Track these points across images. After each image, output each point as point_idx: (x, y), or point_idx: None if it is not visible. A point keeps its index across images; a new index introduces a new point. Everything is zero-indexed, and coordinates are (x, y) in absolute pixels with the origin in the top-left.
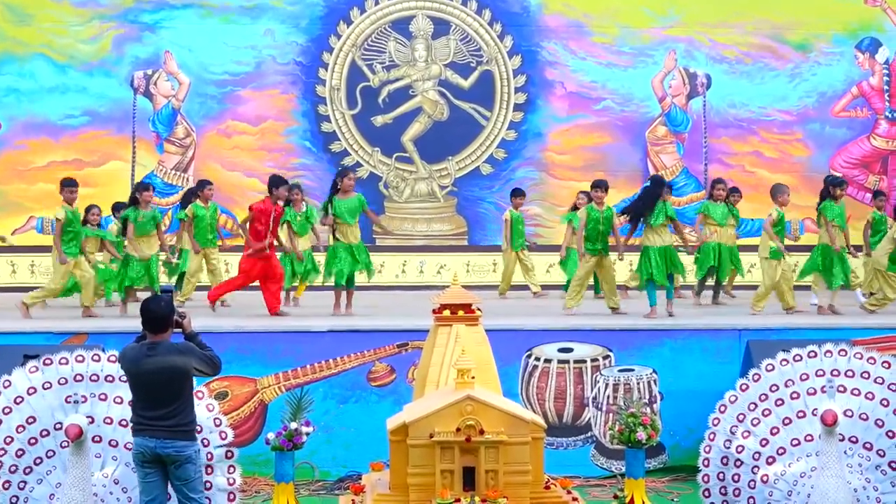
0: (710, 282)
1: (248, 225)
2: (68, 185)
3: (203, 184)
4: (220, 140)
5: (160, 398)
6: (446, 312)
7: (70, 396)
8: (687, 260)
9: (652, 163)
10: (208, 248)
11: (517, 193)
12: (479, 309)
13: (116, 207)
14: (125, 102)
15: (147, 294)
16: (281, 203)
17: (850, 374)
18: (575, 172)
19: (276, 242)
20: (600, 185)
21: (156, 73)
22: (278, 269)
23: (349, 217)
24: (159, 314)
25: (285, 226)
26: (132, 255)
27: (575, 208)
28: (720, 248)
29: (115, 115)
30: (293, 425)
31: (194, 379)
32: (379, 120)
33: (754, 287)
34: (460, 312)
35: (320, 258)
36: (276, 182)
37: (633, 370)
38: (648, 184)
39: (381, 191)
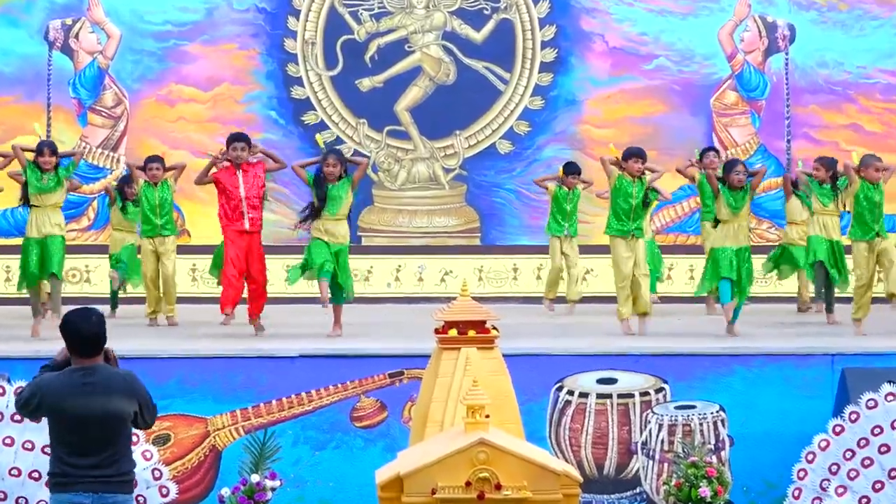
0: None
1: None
2: None
3: (148, 161)
4: (161, 109)
5: (97, 441)
6: (453, 332)
7: None
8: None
9: (719, 138)
10: (156, 236)
11: (570, 170)
12: (495, 328)
13: None
14: (37, 60)
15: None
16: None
17: None
18: (618, 151)
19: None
20: (636, 154)
21: (77, 23)
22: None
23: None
24: (90, 332)
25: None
26: (32, 237)
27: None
28: (832, 245)
29: (23, 77)
30: (255, 478)
31: None
32: (366, 83)
33: (849, 299)
34: (471, 332)
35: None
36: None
37: (694, 407)
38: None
39: (369, 174)
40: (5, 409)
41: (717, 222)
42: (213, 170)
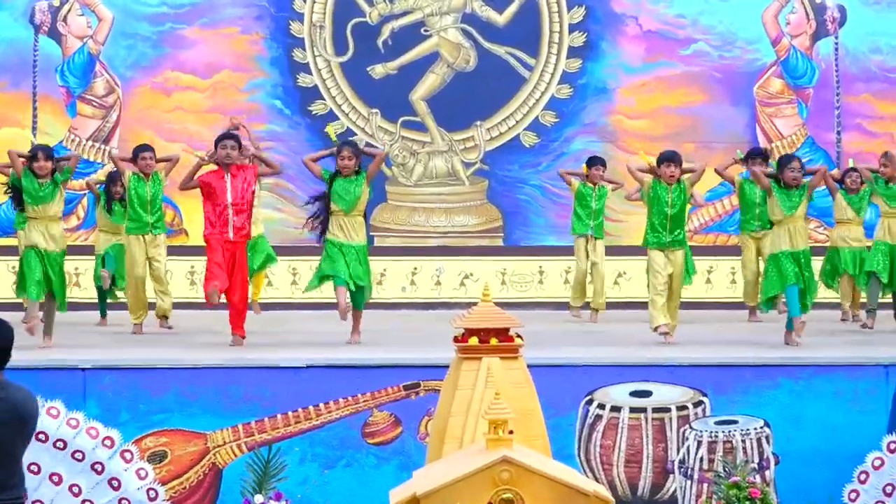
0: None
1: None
2: None
3: (139, 150)
4: (156, 98)
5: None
6: (473, 340)
7: None
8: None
9: (762, 130)
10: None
11: (594, 163)
12: (519, 336)
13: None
14: (22, 45)
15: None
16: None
17: None
18: (654, 143)
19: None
20: (669, 159)
21: (66, 5)
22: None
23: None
24: (8, 341)
25: None
26: (32, 247)
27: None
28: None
29: (7, 64)
30: (258, 499)
31: None
32: (379, 70)
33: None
34: (493, 341)
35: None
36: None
37: (736, 422)
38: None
39: (383, 169)
40: None
41: (770, 224)
42: (200, 172)
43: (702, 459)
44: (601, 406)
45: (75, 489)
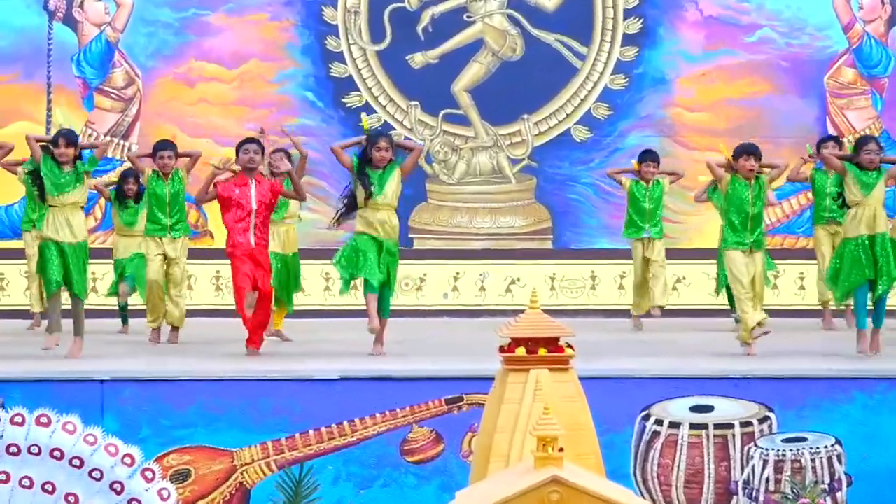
0: None
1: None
2: None
3: (158, 147)
4: (179, 90)
5: None
6: (520, 351)
7: None
8: None
9: (833, 123)
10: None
11: (646, 157)
12: (570, 346)
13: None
14: (35, 33)
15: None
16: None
17: None
18: (715, 138)
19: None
20: (748, 151)
21: None
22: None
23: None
24: None
25: None
26: (50, 239)
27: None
28: None
29: (20, 53)
30: None
31: None
32: (419, 59)
33: None
34: (542, 351)
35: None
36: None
37: (805, 440)
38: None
39: (423, 166)
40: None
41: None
42: (220, 181)
43: (768, 480)
44: (659, 422)
45: None
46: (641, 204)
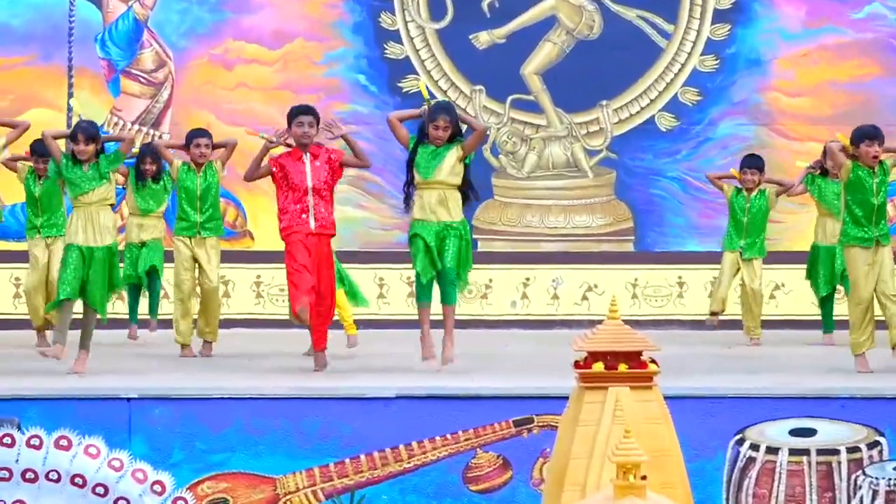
0: None
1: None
2: None
3: (192, 136)
4: (216, 73)
5: None
6: (598, 366)
7: None
8: None
9: None
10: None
11: (748, 164)
12: (654, 361)
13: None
14: (55, 10)
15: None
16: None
17: None
18: (818, 127)
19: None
20: (869, 135)
21: None
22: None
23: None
24: None
25: None
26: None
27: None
28: None
29: (38, 32)
30: None
31: None
32: (484, 39)
33: None
34: (622, 367)
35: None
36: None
37: None
38: None
39: (488, 159)
40: (14, 464)
41: None
42: (272, 155)
43: None
44: (755, 447)
45: None
46: (739, 217)
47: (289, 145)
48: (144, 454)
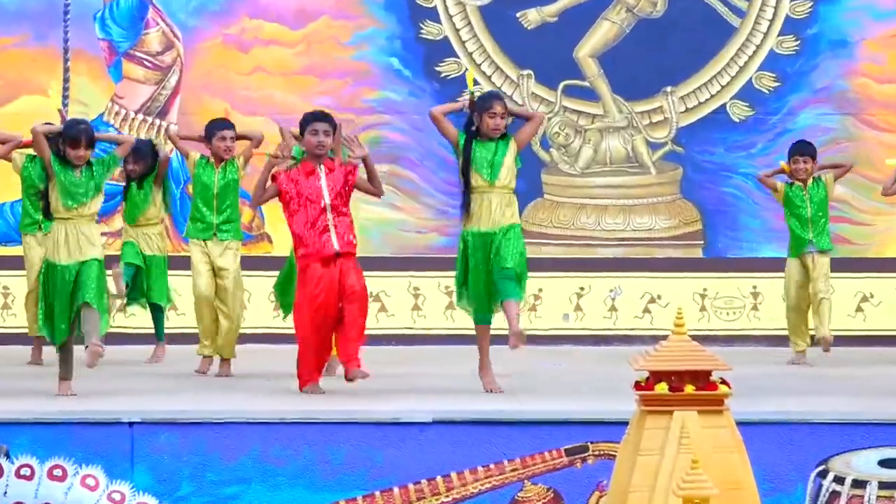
0: None
1: None
2: None
3: (216, 127)
4: (230, 56)
5: None
6: (662, 388)
7: None
8: None
9: None
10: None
11: (796, 151)
12: (725, 382)
13: None
14: None
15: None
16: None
17: None
18: None
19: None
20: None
21: None
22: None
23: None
24: None
25: None
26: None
27: None
28: None
29: (30, 9)
30: None
31: None
32: (533, 17)
33: None
34: (689, 388)
35: None
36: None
37: None
38: None
39: (538, 153)
40: (2, 497)
41: None
42: (279, 171)
43: None
44: (839, 479)
45: None
46: (801, 211)
47: (295, 159)
48: (148, 486)
